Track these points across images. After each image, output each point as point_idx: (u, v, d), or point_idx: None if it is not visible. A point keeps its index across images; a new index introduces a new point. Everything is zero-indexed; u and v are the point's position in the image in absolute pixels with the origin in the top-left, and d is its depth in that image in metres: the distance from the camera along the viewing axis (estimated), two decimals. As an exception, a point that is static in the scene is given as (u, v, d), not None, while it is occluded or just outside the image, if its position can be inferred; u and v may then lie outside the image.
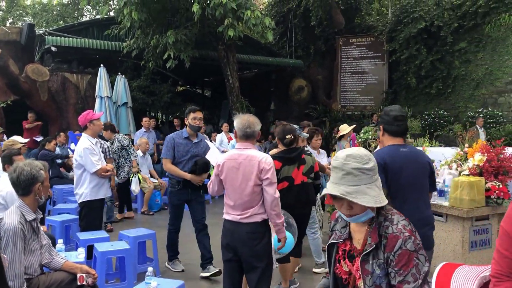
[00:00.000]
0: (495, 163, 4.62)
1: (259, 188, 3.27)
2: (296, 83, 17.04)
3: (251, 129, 3.35)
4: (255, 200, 3.28)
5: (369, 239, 1.82)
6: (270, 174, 3.23)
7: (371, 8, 17.94)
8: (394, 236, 1.76)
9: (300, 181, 4.26)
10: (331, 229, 2.05)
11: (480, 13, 12.83)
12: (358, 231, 1.90)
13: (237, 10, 9.78)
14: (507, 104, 12.52)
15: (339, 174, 1.79)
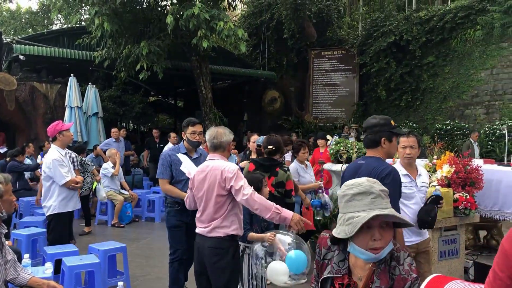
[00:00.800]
0: (463, 174, 4.74)
1: (222, 199, 3.20)
2: (269, 94, 17.16)
3: (218, 140, 3.34)
4: (218, 212, 3.22)
5: (377, 281, 1.66)
6: (233, 181, 3.14)
7: (342, 22, 18.29)
8: (402, 279, 1.65)
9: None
10: (322, 257, 1.83)
11: (447, 28, 13.25)
12: (360, 267, 1.72)
13: (210, 21, 9.80)
14: (473, 116, 12.92)
15: (367, 199, 1.63)
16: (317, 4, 16.01)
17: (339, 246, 1.77)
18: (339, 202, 1.71)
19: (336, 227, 1.69)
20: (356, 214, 1.61)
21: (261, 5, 17.23)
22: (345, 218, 1.64)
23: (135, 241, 7.17)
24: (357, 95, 15.94)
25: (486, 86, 12.70)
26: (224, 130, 3.42)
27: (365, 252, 1.62)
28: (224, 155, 3.38)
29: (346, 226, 1.62)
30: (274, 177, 4.43)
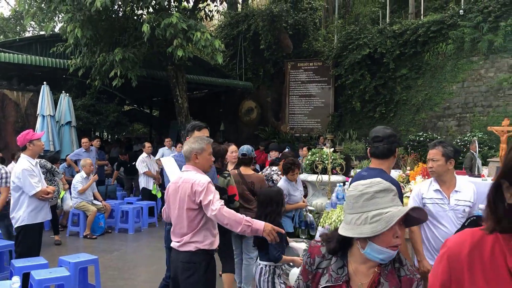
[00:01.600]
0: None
1: (194, 213, 3.12)
2: (245, 104, 17.19)
3: (186, 150, 3.29)
4: (189, 226, 3.13)
5: (385, 284, 1.65)
6: (203, 195, 3.04)
7: (318, 34, 18.52)
8: (408, 279, 1.67)
9: None
10: (315, 266, 1.76)
11: (420, 41, 13.57)
12: (362, 273, 1.69)
13: (187, 31, 9.79)
14: (445, 128, 13.21)
15: (389, 196, 1.64)
16: (293, 16, 16.19)
17: (337, 253, 1.74)
18: (353, 202, 1.67)
19: (350, 228, 1.65)
20: (385, 211, 1.59)
21: (238, 16, 17.32)
22: (369, 216, 1.60)
23: (107, 252, 7.02)
24: (333, 106, 16.11)
25: (458, 99, 13.02)
26: (194, 140, 3.31)
27: (386, 250, 1.60)
28: (196, 166, 3.25)
29: (372, 224, 1.59)
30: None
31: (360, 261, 1.69)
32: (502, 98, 12.01)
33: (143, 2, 10.15)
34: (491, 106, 12.27)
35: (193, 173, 3.20)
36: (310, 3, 18.03)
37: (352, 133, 14.59)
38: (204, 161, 3.28)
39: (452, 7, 13.65)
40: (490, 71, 12.39)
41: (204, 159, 3.28)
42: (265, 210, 3.73)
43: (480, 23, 12.28)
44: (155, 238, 8.30)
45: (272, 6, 15.89)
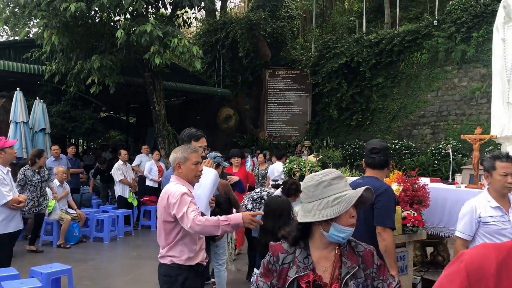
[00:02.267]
0: (410, 192, 4.88)
1: (170, 226, 3.00)
2: (224, 111, 17.17)
3: (171, 160, 3.15)
4: (166, 239, 3.05)
5: (347, 262, 1.81)
6: (176, 208, 2.89)
7: (296, 43, 18.69)
8: (368, 251, 1.87)
9: None
10: (281, 263, 1.85)
11: (395, 51, 13.82)
12: (325, 257, 1.84)
13: (163, 38, 9.73)
14: (420, 136, 13.44)
15: (342, 182, 1.84)
16: (272, 24, 16.29)
17: (300, 245, 1.86)
18: (312, 191, 1.83)
19: (312, 215, 1.79)
20: (344, 193, 1.78)
21: (216, 23, 17.34)
22: (330, 200, 1.77)
23: (82, 262, 6.87)
24: (310, 114, 16.24)
25: (432, 107, 13.28)
26: (178, 148, 3.15)
27: (347, 229, 1.78)
28: (180, 176, 3.08)
29: (334, 206, 1.76)
30: None
31: (322, 247, 1.84)
32: (475, 106, 12.30)
33: (120, 8, 10.06)
34: (464, 115, 12.54)
35: (172, 184, 3.05)
36: (288, 12, 18.20)
37: (329, 140, 14.72)
38: (188, 171, 3.08)
39: (427, 18, 13.95)
40: (463, 80, 12.68)
41: (188, 169, 3.08)
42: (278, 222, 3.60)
43: (454, 34, 12.58)
44: (131, 247, 8.18)
45: (251, 14, 15.98)
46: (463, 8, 12.54)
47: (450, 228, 5.25)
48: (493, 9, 11.28)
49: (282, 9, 17.85)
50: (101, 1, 9.31)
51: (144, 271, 6.46)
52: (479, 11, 12.19)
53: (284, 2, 18.14)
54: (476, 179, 5.41)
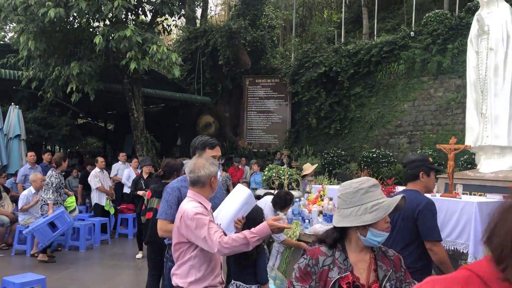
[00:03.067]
0: (387, 201, 4.96)
1: (183, 248, 2.73)
2: (203, 119, 17.14)
3: (195, 174, 2.79)
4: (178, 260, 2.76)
5: (382, 265, 1.96)
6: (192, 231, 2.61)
7: (276, 52, 18.82)
8: (397, 257, 2.04)
9: None
10: (321, 265, 1.91)
11: (373, 61, 14.04)
12: (361, 260, 1.96)
13: (142, 44, 9.70)
14: (397, 145, 13.64)
15: (378, 189, 1.96)
16: (252, 33, 16.38)
17: (338, 247, 1.96)
18: (350, 198, 1.94)
19: (351, 220, 1.91)
20: (381, 200, 1.91)
21: (197, 31, 17.36)
22: (368, 207, 1.89)
23: (56, 271, 6.73)
24: (290, 122, 16.33)
25: (409, 117, 13.51)
26: (204, 162, 2.85)
27: (383, 233, 1.91)
28: (202, 192, 2.81)
29: (373, 212, 1.88)
30: None
31: (358, 250, 1.96)
32: (450, 117, 12.56)
33: (99, 14, 9.99)
34: (440, 125, 12.80)
35: (186, 201, 2.79)
36: (268, 21, 18.34)
37: (308, 148, 14.81)
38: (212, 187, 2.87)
39: (404, 29, 14.23)
40: (439, 91, 12.96)
41: (216, 182, 2.90)
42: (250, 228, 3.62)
43: (430, 45, 12.86)
44: (108, 256, 8.06)
45: (231, 23, 16.05)
46: (439, 20, 12.84)
47: (425, 236, 5.34)
48: (467, 22, 11.58)
49: (262, 18, 17.97)
50: (80, 7, 9.23)
51: (120, 280, 6.37)
52: (454, 23, 12.50)
53: (265, 12, 18.28)
54: (451, 187, 5.52)
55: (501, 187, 6.61)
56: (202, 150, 3.42)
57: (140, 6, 11.74)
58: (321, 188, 6.20)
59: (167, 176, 4.67)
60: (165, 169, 4.68)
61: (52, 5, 9.21)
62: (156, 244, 4.53)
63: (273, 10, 19.86)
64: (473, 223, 4.85)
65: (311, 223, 5.23)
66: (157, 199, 4.56)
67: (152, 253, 4.62)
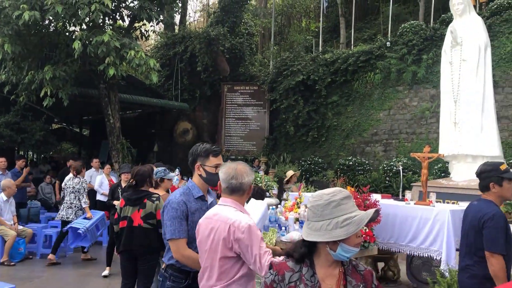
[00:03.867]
0: (362, 208, 5.00)
1: (229, 263, 2.44)
2: (181, 125, 17.04)
3: (237, 181, 2.56)
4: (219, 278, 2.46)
5: (352, 280, 1.87)
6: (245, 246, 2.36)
7: (255, 59, 18.90)
8: (368, 271, 1.94)
9: (137, 223, 4.42)
10: (287, 281, 1.84)
11: (350, 70, 14.22)
12: (329, 275, 1.86)
13: (120, 49, 9.60)
14: (372, 153, 13.82)
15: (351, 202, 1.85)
16: (231, 40, 16.41)
17: (306, 263, 1.87)
18: (321, 210, 1.83)
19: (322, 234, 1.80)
20: (353, 214, 1.80)
21: (175, 37, 17.30)
22: (340, 221, 1.78)
23: (27, 280, 6.56)
24: (268, 129, 16.38)
25: (384, 126, 13.71)
26: (245, 168, 2.64)
27: (353, 249, 1.81)
28: (240, 201, 2.61)
29: (344, 227, 1.78)
30: (143, 209, 4.47)
31: (327, 265, 1.86)
32: (425, 126, 12.80)
33: (76, 18, 9.85)
34: (414, 133, 13.03)
35: (232, 211, 2.52)
36: (247, 29, 18.41)
37: (286, 156, 14.87)
38: (249, 195, 2.69)
39: (380, 39, 14.48)
40: (414, 100, 13.20)
41: (250, 193, 2.69)
42: None
43: (405, 55, 13.11)
44: (80, 264, 7.89)
45: (210, 30, 16.05)
46: (414, 31, 13.11)
47: (400, 244, 5.41)
48: (441, 33, 11.85)
49: (241, 26, 18.03)
50: (56, 11, 9.09)
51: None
52: (429, 34, 12.78)
53: (243, 19, 18.34)
54: (424, 195, 5.61)
55: (473, 195, 6.76)
56: (205, 157, 3.09)
57: (118, 11, 11.63)
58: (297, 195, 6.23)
59: (140, 185, 4.58)
60: (137, 178, 4.59)
61: (27, 8, 9.05)
62: (130, 253, 4.46)
63: (252, 18, 19.98)
64: (446, 230, 4.94)
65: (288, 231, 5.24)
66: (131, 207, 4.50)
67: (125, 261, 4.54)
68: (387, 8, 16.10)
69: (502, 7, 11.66)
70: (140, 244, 4.41)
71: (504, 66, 11.35)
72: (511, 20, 11.33)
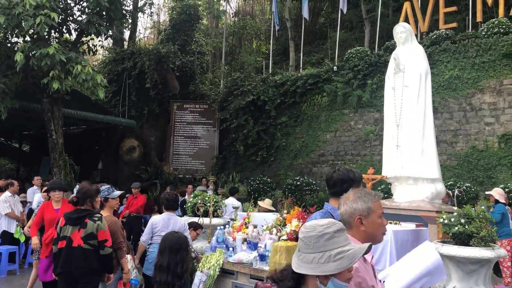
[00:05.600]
0: (309, 228, 5.06)
1: None
2: (127, 142, 16.64)
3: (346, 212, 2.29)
4: None
5: None
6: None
7: (205, 78, 18.92)
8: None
9: (77, 244, 4.23)
10: None
11: (299, 92, 14.53)
12: None
13: (66, 63, 9.31)
14: (319, 173, 14.09)
15: (344, 235, 1.80)
16: (181, 58, 16.35)
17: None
18: (313, 242, 1.77)
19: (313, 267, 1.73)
20: (346, 248, 1.74)
21: (124, 53, 17.00)
22: (332, 255, 1.72)
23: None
24: (217, 148, 16.33)
25: (331, 147, 14.05)
26: (354, 196, 2.28)
27: (345, 284, 1.74)
28: (356, 236, 2.21)
29: (337, 261, 1.72)
30: (83, 229, 4.27)
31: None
32: (369, 148, 13.24)
33: (19, 29, 9.49)
34: (359, 155, 13.43)
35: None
36: (198, 48, 18.45)
37: (235, 175, 14.85)
38: (373, 227, 2.23)
39: (327, 63, 14.93)
40: (359, 123, 13.65)
41: (373, 224, 2.24)
42: (174, 258, 3.47)
43: (351, 80, 13.57)
44: (15, 287, 7.43)
45: (160, 47, 15.93)
46: (359, 57, 13.63)
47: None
48: (385, 59, 12.39)
49: (192, 44, 18.05)
50: (-3, 21, 8.73)
51: (28, 315, 5.87)
52: (374, 60, 13.32)
53: (195, 38, 18.38)
54: (368, 216, 5.76)
55: (414, 216, 7.02)
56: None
57: (65, 24, 11.33)
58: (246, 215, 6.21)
59: (81, 203, 4.40)
60: (79, 195, 4.41)
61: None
62: (69, 276, 4.24)
63: (203, 37, 20.04)
64: (389, 250, 5.08)
65: (235, 251, 5.20)
66: (71, 226, 4.30)
67: (64, 284, 4.30)
68: (334, 33, 16.68)
69: (441, 37, 12.39)
70: (80, 265, 4.21)
71: (442, 93, 12.01)
72: (449, 50, 12.04)
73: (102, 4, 10.33)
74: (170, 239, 3.69)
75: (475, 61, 11.56)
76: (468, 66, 11.68)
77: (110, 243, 4.35)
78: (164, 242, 3.77)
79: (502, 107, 11.11)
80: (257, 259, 4.99)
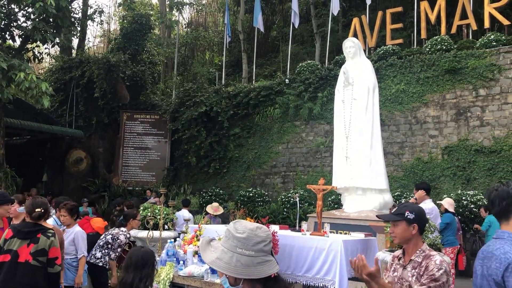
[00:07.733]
0: (261, 240, 5.04)
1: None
2: (74, 154, 16.08)
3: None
4: None
5: None
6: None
7: (157, 88, 18.66)
8: None
9: (24, 259, 3.94)
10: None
11: (251, 104, 14.61)
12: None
13: (8, 71, 8.90)
14: (271, 185, 14.17)
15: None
16: (132, 68, 16.05)
17: None
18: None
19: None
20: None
21: (72, 61, 16.50)
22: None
23: None
24: (169, 160, 16.08)
25: (283, 158, 14.19)
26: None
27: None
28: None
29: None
30: (34, 244, 3.99)
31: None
32: (320, 159, 13.47)
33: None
34: (310, 166, 13.63)
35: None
36: (150, 58, 18.19)
37: (187, 187, 14.66)
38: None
39: (280, 76, 15.13)
40: (310, 135, 13.87)
41: None
42: (140, 274, 3.31)
43: (302, 92, 13.80)
44: None
45: (110, 56, 15.58)
46: (310, 70, 13.90)
47: (296, 275, 5.50)
48: (335, 73, 12.68)
49: (144, 54, 17.78)
50: None
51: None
52: (324, 74, 13.62)
53: (146, 48, 18.11)
54: (319, 226, 5.82)
55: (363, 226, 7.18)
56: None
57: (8, 30, 10.86)
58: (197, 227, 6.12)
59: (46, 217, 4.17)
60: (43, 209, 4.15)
61: None
62: None
63: (155, 46, 19.79)
64: (339, 259, 5.14)
65: (186, 264, 5.10)
66: (20, 240, 4.00)
67: None
68: (286, 47, 16.96)
69: (388, 53, 12.87)
70: (25, 282, 3.93)
71: (389, 106, 12.44)
72: (395, 65, 12.52)
73: (49, 11, 9.99)
74: (136, 255, 3.52)
75: (419, 76, 12.08)
76: (413, 81, 12.18)
77: (60, 261, 4.14)
78: (130, 258, 3.60)
79: (445, 120, 11.65)
80: (208, 272, 4.90)
